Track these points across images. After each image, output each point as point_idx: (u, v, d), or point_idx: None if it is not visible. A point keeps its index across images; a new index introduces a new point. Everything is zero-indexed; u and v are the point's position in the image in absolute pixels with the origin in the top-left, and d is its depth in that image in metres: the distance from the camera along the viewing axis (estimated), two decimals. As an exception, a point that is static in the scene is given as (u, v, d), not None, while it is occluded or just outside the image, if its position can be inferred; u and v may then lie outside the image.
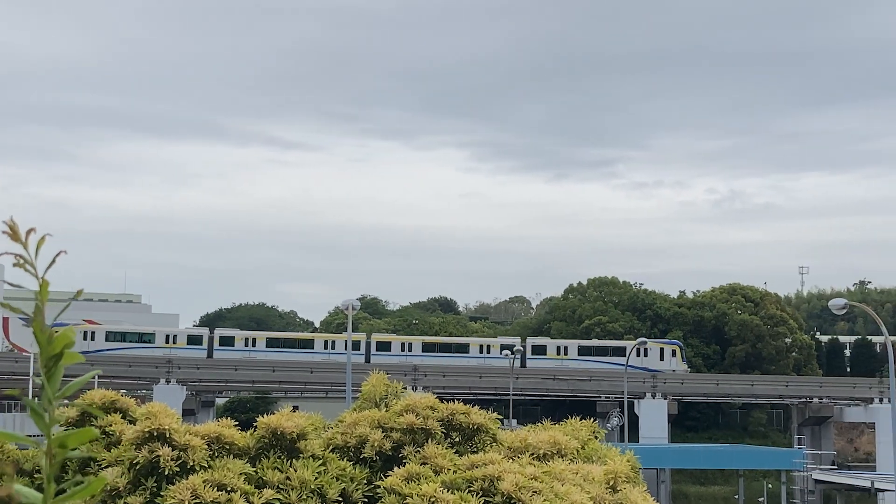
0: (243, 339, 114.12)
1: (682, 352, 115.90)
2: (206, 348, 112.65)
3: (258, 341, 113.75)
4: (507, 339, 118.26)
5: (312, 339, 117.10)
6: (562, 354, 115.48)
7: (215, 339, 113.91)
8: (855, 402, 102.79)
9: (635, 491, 11.23)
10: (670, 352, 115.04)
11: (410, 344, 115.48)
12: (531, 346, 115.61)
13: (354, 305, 51.45)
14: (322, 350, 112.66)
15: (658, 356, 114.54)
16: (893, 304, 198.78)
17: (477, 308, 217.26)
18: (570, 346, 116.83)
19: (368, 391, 12.84)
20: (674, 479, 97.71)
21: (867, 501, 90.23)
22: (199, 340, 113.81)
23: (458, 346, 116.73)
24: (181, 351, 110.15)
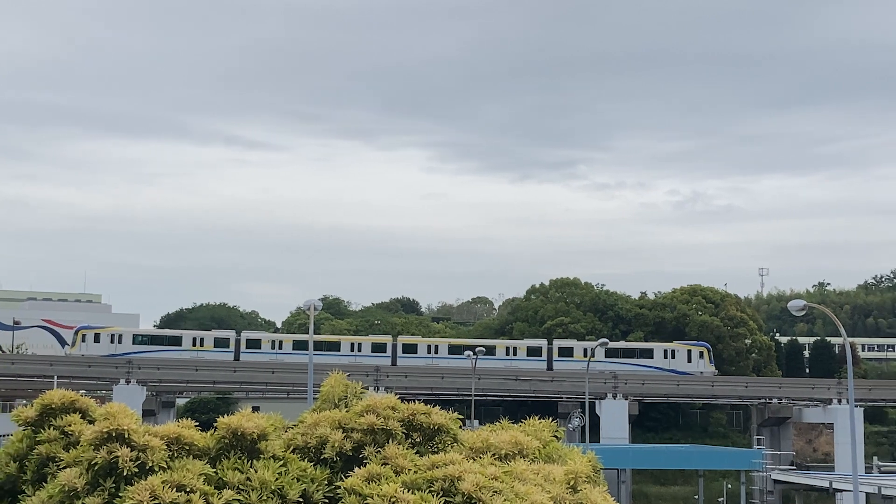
0: (270, 341, 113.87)
1: (709, 354, 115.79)
2: (232, 351, 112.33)
3: (285, 344, 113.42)
4: (534, 342, 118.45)
5: (339, 341, 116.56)
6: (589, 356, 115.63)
7: (242, 341, 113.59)
8: (814, 403, 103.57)
9: (596, 491, 11.26)
10: (698, 354, 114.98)
11: (437, 346, 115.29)
12: (558, 347, 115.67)
13: (316, 306, 51.29)
14: (349, 353, 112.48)
15: (686, 358, 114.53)
16: (852, 305, 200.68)
17: (439, 309, 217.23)
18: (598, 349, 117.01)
19: (327, 392, 12.80)
20: (634, 479, 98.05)
21: (825, 501, 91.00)
22: (227, 343, 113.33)
23: (487, 349, 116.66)
24: (208, 354, 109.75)
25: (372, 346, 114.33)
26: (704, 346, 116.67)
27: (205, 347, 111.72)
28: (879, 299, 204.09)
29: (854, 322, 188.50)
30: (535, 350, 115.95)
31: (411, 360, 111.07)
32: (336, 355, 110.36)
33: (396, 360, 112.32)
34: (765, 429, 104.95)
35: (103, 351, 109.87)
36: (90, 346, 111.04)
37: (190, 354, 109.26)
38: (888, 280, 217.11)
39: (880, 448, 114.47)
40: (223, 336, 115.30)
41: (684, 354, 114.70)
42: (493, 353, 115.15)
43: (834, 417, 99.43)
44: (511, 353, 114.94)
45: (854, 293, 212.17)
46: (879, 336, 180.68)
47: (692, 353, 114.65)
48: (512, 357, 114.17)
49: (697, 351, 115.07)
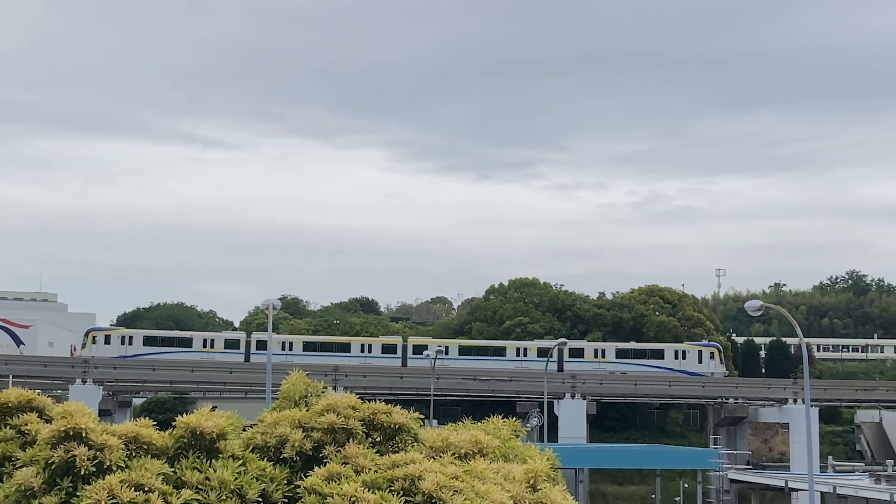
0: (280, 342, 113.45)
1: (720, 354, 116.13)
2: (243, 352, 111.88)
3: (295, 345, 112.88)
4: (544, 343, 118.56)
5: (349, 343, 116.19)
6: (599, 357, 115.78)
7: (252, 343, 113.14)
8: (770, 403, 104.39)
9: (555, 490, 11.30)
10: (709, 354, 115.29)
11: (447, 348, 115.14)
12: (568, 349, 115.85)
13: (275, 305, 51.08)
14: (359, 354, 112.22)
15: (696, 359, 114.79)
16: (808, 306, 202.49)
17: (398, 308, 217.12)
18: (608, 349, 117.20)
19: (287, 390, 12.75)
20: (592, 478, 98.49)
21: (781, 501, 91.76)
22: (237, 345, 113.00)
23: (495, 350, 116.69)
24: (218, 355, 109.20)
25: (382, 347, 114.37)
26: (715, 347, 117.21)
27: (215, 349, 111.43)
28: (835, 300, 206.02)
29: (810, 322, 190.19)
30: (545, 351, 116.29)
31: (422, 362, 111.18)
32: (347, 356, 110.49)
33: (407, 361, 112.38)
34: (721, 428, 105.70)
35: (113, 353, 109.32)
36: (101, 348, 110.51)
37: (200, 356, 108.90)
38: (843, 281, 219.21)
39: (835, 448, 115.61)
40: (234, 338, 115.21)
41: (695, 355, 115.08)
42: (503, 354, 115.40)
43: (790, 417, 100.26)
44: (522, 354, 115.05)
45: (810, 294, 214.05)
46: (834, 336, 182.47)
47: (703, 354, 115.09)
48: (522, 358, 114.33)
49: (708, 352, 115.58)
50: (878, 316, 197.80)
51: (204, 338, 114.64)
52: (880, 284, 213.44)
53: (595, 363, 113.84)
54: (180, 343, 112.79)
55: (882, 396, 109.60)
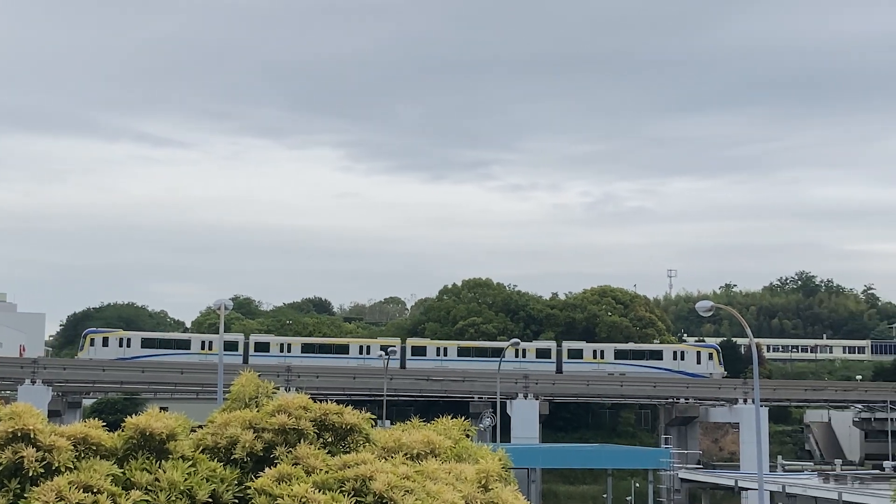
0: (279, 344, 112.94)
1: (719, 355, 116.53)
2: (241, 354, 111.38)
3: (293, 347, 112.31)
4: (543, 344, 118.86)
5: (347, 344, 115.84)
6: (598, 358, 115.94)
7: (250, 345, 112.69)
8: (720, 403, 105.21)
9: (507, 490, 11.33)
10: (707, 355, 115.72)
11: (446, 349, 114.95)
12: (567, 349, 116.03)
13: (227, 305, 50.86)
14: (357, 355, 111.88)
15: (695, 360, 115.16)
16: (758, 306, 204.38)
17: (351, 309, 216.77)
18: (606, 350, 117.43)
19: (238, 391, 12.69)
20: (544, 478, 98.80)
21: (731, 500, 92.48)
22: (235, 347, 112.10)
23: (493, 351, 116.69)
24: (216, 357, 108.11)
25: (381, 348, 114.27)
26: (714, 348, 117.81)
27: (213, 351, 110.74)
28: (784, 300, 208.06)
29: (759, 323, 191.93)
30: (544, 352, 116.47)
31: (421, 363, 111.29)
32: (345, 358, 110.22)
33: (406, 362, 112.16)
34: (672, 428, 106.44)
35: (112, 355, 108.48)
36: (98, 350, 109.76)
37: (199, 358, 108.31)
38: (793, 282, 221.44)
39: (785, 447, 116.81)
40: (232, 339, 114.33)
41: (694, 356, 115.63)
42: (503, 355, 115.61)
43: (740, 417, 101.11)
44: (521, 356, 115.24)
45: (760, 295, 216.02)
46: (784, 337, 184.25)
47: (701, 355, 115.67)
48: (521, 359, 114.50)
49: (707, 352, 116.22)
50: (826, 317, 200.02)
51: (202, 340, 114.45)
52: (829, 285, 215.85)
53: (594, 364, 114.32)
54: (178, 345, 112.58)
55: (831, 396, 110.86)
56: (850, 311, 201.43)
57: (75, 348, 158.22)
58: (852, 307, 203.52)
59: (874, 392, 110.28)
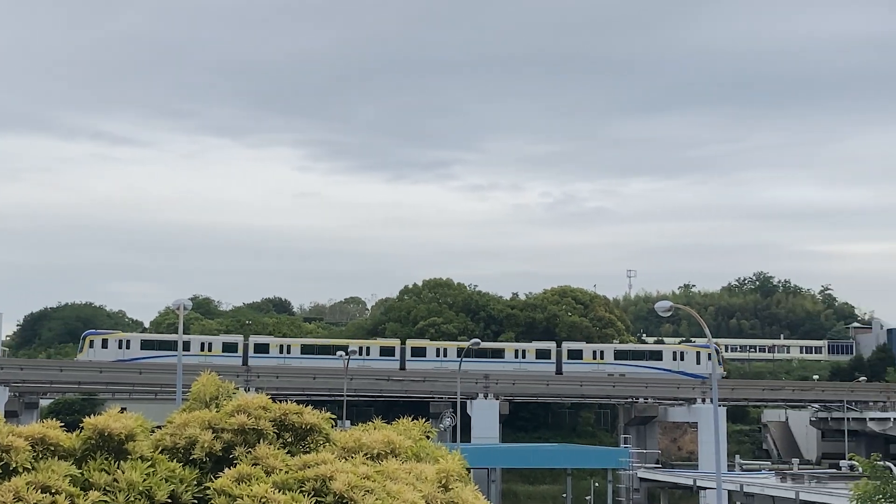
0: (278, 346, 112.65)
1: (719, 355, 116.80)
2: (241, 356, 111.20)
3: (293, 348, 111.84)
4: (543, 344, 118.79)
5: (347, 345, 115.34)
6: (598, 359, 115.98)
7: (250, 346, 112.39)
8: (679, 403, 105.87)
9: (467, 489, 11.35)
10: (706, 356, 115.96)
11: (446, 350, 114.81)
12: (567, 350, 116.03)
13: (186, 305, 50.63)
14: (357, 357, 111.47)
15: (695, 360, 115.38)
16: (716, 306, 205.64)
17: (312, 309, 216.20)
18: (605, 351, 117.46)
19: (198, 391, 12.65)
20: (504, 478, 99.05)
21: (689, 499, 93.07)
22: (234, 348, 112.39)
23: (493, 352, 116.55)
24: (216, 359, 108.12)
25: (380, 349, 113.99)
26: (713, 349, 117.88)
27: (213, 352, 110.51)
28: (742, 301, 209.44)
29: (718, 323, 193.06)
30: (544, 352, 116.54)
31: (420, 364, 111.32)
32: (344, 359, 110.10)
33: (406, 363, 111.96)
34: (631, 428, 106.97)
35: (111, 356, 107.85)
36: (98, 352, 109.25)
37: (198, 359, 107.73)
38: (751, 282, 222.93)
39: (742, 446, 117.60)
40: (231, 341, 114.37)
41: (693, 356, 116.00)
42: (502, 356, 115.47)
43: (698, 416, 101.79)
44: (520, 356, 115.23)
45: (718, 295, 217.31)
46: (742, 337, 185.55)
47: (701, 355, 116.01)
48: (521, 360, 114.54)
49: (706, 353, 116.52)
50: (784, 317, 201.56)
51: (202, 341, 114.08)
52: (786, 286, 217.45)
53: (594, 364, 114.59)
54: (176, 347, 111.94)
55: (788, 396, 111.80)
56: (807, 312, 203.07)
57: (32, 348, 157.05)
58: (809, 307, 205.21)
59: (831, 392, 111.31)
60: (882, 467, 34.80)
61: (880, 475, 33.53)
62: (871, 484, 33.24)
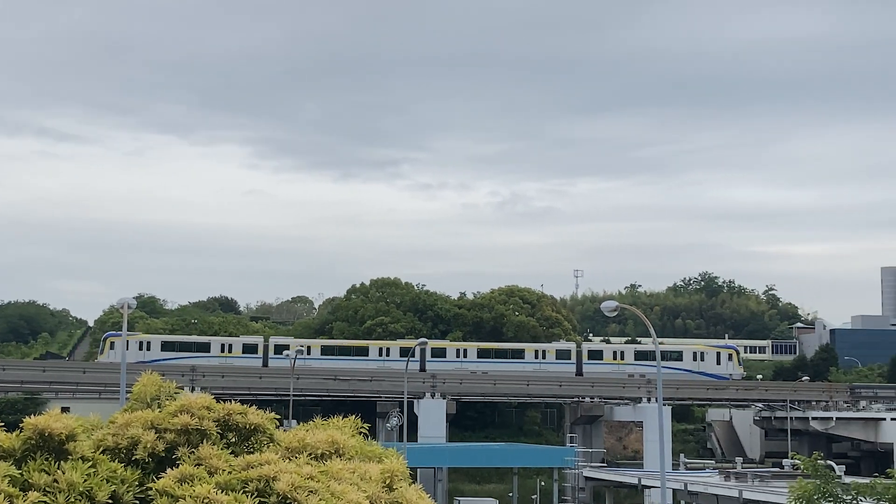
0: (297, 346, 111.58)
1: (738, 356, 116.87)
2: (261, 357, 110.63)
3: (313, 349, 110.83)
4: (563, 345, 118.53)
5: (367, 346, 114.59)
6: (618, 359, 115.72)
7: (270, 347, 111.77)
8: (624, 402, 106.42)
9: (411, 489, 11.36)
10: (727, 356, 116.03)
11: (466, 350, 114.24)
12: (587, 350, 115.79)
13: (130, 304, 50.03)
14: (377, 357, 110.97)
15: (715, 360, 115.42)
16: (662, 306, 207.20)
17: (258, 308, 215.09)
18: (626, 351, 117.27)
19: (139, 391, 12.56)
20: (451, 477, 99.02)
21: (634, 498, 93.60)
22: (255, 349, 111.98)
23: (514, 352, 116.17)
24: (237, 360, 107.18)
25: (400, 350, 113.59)
26: (733, 349, 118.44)
27: (233, 353, 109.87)
28: (687, 301, 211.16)
29: (663, 323, 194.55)
30: (564, 353, 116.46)
31: (440, 365, 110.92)
32: (364, 360, 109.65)
33: (425, 364, 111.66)
34: (577, 427, 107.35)
35: (132, 358, 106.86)
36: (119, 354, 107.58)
37: (219, 361, 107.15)
38: (696, 282, 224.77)
39: (687, 445, 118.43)
40: (252, 342, 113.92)
41: (713, 357, 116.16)
42: (522, 357, 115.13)
43: (643, 416, 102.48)
44: (540, 357, 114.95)
45: (664, 295, 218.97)
46: (687, 336, 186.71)
47: (721, 356, 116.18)
48: (541, 360, 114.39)
49: (726, 353, 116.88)
50: (729, 317, 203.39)
51: (222, 343, 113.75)
52: (731, 286, 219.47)
53: (614, 365, 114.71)
54: (198, 348, 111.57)
55: (732, 396, 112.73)
56: (751, 312, 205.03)
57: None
58: (753, 308, 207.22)
59: (774, 391, 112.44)
60: (824, 466, 35.14)
61: (821, 474, 33.86)
62: (811, 483, 33.57)
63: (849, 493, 32.93)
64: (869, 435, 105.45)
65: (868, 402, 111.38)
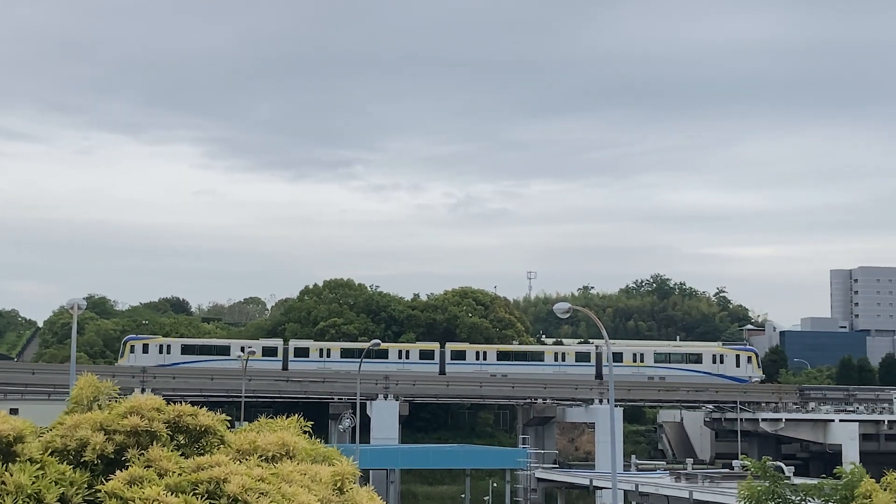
0: (318, 349, 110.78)
1: (757, 358, 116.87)
2: (281, 360, 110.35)
3: (332, 352, 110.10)
4: (582, 347, 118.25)
5: (387, 349, 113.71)
6: (638, 362, 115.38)
7: (290, 350, 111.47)
8: (576, 403, 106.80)
9: (363, 491, 11.36)
10: (746, 359, 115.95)
11: (485, 353, 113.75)
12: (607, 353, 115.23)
13: (80, 305, 49.48)
14: (397, 360, 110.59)
15: (734, 363, 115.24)
16: (614, 308, 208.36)
17: (210, 309, 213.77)
18: (646, 354, 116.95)
19: (77, 394, 12.45)
20: (403, 479, 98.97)
21: (586, 499, 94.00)
22: (275, 352, 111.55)
23: (533, 355, 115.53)
24: (256, 363, 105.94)
25: (420, 353, 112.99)
26: (752, 352, 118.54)
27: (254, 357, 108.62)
28: (640, 303, 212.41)
29: (616, 325, 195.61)
30: (583, 355, 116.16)
31: (460, 367, 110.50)
32: (384, 363, 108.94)
33: (445, 367, 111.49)
34: (530, 428, 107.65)
35: (152, 361, 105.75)
36: (139, 357, 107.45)
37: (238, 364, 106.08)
38: (648, 284, 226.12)
39: (638, 447, 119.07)
40: (271, 345, 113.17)
41: (733, 359, 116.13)
42: (542, 359, 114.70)
43: (595, 417, 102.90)
44: (560, 359, 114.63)
45: (616, 297, 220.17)
46: (639, 338, 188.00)
47: (740, 358, 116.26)
48: (560, 363, 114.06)
49: (745, 356, 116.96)
50: (680, 318, 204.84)
51: (242, 346, 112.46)
52: (682, 288, 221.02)
53: (634, 368, 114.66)
54: (218, 351, 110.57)
55: (683, 397, 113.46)
56: (702, 314, 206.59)
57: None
58: (704, 309, 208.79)
59: (724, 393, 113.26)
60: (773, 468, 35.38)
61: (770, 476, 34.10)
62: (759, 484, 33.80)
63: (797, 495, 33.17)
64: (818, 436, 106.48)
65: (817, 403, 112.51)
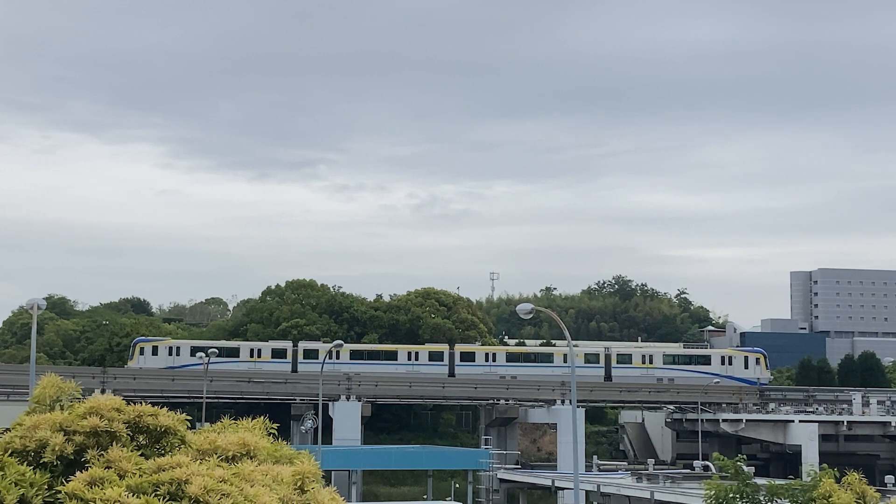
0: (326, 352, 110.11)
1: (765, 360, 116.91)
2: (290, 362, 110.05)
3: (342, 354, 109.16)
4: (591, 349, 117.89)
5: (396, 350, 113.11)
6: (647, 363, 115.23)
7: (299, 352, 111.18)
8: (539, 404, 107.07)
9: (324, 492, 11.35)
10: (754, 360, 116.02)
11: (495, 354, 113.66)
12: (616, 354, 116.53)
13: (40, 305, 49.05)
14: (406, 361, 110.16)
15: (743, 365, 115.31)
16: (577, 309, 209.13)
17: (171, 309, 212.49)
18: (655, 355, 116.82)
19: (39, 394, 12.36)
20: (365, 480, 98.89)
21: (548, 499, 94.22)
22: (284, 354, 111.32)
23: (543, 356, 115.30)
24: (266, 365, 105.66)
25: (429, 354, 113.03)
26: (761, 353, 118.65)
27: (262, 358, 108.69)
28: (602, 304, 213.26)
29: (578, 326, 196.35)
30: (592, 357, 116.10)
31: (469, 369, 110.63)
32: (393, 364, 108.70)
33: (454, 369, 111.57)
34: (492, 429, 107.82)
35: (161, 364, 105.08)
36: (148, 359, 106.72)
37: (248, 366, 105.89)
38: (610, 286, 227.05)
39: (600, 447, 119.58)
40: (280, 347, 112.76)
41: (741, 361, 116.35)
42: (551, 360, 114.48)
43: (557, 418, 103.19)
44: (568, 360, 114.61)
45: (578, 298, 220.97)
46: (601, 339, 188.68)
47: (749, 360, 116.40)
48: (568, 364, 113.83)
49: (754, 357, 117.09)
50: (642, 320, 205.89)
51: (251, 348, 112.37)
52: (644, 289, 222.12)
53: (643, 369, 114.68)
54: (228, 353, 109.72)
55: (644, 398, 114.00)
56: (664, 315, 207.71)
57: None
58: (666, 311, 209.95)
59: (686, 394, 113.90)
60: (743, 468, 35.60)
61: (741, 476, 34.33)
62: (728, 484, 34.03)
63: (765, 494, 33.39)
64: (778, 437, 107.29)
65: (777, 404, 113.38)
